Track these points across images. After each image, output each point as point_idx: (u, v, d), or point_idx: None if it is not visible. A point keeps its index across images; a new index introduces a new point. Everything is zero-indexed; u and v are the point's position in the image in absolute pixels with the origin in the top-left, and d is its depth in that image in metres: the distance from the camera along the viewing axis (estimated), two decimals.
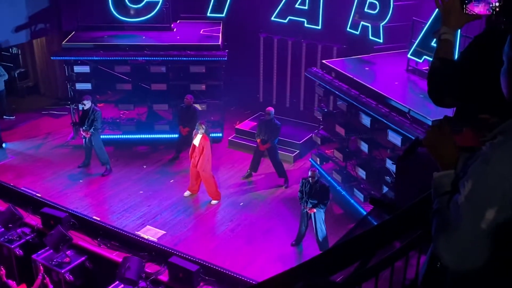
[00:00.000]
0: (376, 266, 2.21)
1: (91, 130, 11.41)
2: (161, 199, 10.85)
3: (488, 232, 1.72)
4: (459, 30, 2.64)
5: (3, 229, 9.36)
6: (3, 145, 12.43)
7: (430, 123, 8.59)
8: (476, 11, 2.31)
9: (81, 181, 11.58)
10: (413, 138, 7.87)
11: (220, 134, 13.10)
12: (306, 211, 9.24)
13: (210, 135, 11.13)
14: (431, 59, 9.45)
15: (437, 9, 9.15)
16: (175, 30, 13.38)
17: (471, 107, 2.01)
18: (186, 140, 11.44)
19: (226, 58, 12.41)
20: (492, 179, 1.71)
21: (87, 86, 12.55)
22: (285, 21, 12.86)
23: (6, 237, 9.28)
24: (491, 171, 1.72)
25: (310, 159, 11.96)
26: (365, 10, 11.58)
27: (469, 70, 2.04)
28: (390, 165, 9.51)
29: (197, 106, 12.23)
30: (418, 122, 8.90)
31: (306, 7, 12.52)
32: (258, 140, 11.33)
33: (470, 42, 2.13)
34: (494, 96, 1.92)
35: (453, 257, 1.79)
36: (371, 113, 9.73)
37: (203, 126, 10.46)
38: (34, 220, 9.65)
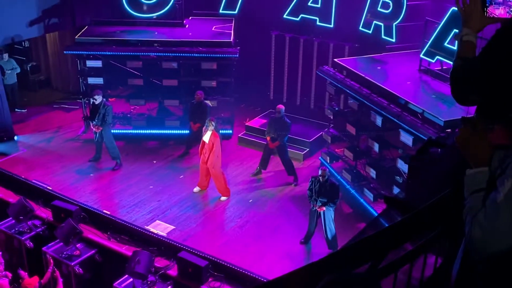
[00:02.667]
0: (395, 263, 2.24)
1: (102, 124, 11.36)
2: (171, 194, 10.78)
3: None
4: None
5: (14, 221, 9.37)
6: (15, 137, 12.50)
7: (442, 123, 8.59)
8: (496, 14, 2.33)
9: (91, 175, 11.53)
10: (425, 138, 8.22)
11: (230, 131, 12.99)
12: (316, 209, 9.11)
13: (220, 131, 11.03)
14: (444, 59, 9.36)
15: (451, 9, 9.10)
16: (187, 26, 13.28)
17: (496, 105, 2.00)
18: (197, 136, 11.36)
19: (237, 55, 12.34)
20: None
21: (99, 80, 12.48)
22: (297, 19, 12.80)
23: (17, 229, 9.29)
24: None
25: (320, 157, 11.83)
26: (378, 9, 11.50)
27: (493, 65, 2.04)
28: (401, 165, 9.33)
29: (208, 102, 12.13)
30: (430, 122, 8.82)
31: (318, 5, 12.45)
32: (268, 138, 11.21)
33: (492, 37, 2.13)
34: None
35: (489, 252, 1.79)
36: (383, 113, 9.62)
37: (213, 123, 10.38)
38: (45, 213, 9.64)
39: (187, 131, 12.29)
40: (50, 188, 10.42)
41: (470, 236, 1.85)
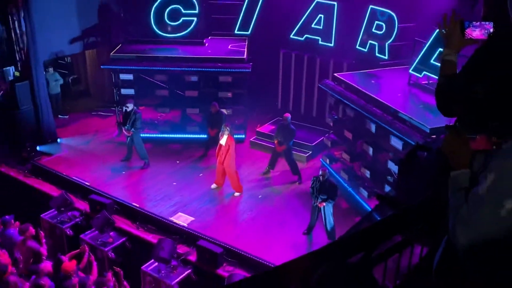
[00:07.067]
0: (385, 252, 2.22)
1: (133, 129, 11.30)
2: (191, 190, 10.74)
3: (505, 220, 1.69)
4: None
5: (56, 212, 9.52)
6: (58, 140, 12.51)
7: (428, 130, 8.55)
8: (474, 36, 2.33)
9: (123, 172, 11.48)
10: (413, 143, 8.18)
11: (243, 136, 12.84)
12: (317, 204, 9.07)
13: (234, 136, 10.89)
14: (430, 74, 9.23)
15: (436, 31, 8.84)
16: (206, 44, 13.20)
17: (477, 118, 1.99)
18: (214, 140, 11.32)
19: (250, 70, 12.27)
20: None
21: (131, 91, 12.44)
22: (302, 38, 12.79)
23: (58, 219, 9.44)
24: None
25: (321, 159, 11.70)
26: (373, 30, 11.52)
27: (472, 80, 2.03)
28: (392, 166, 9.28)
29: (224, 110, 12.04)
30: (417, 129, 8.77)
31: (321, 27, 12.46)
32: (276, 142, 11.15)
33: (471, 56, 2.13)
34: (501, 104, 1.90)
35: (470, 240, 1.76)
36: (376, 121, 9.61)
37: (228, 128, 10.34)
38: (83, 205, 9.80)
39: (205, 136, 12.24)
40: (88, 184, 10.54)
41: (453, 229, 1.82)
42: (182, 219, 9.67)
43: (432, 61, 9.71)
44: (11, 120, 11.57)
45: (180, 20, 12.85)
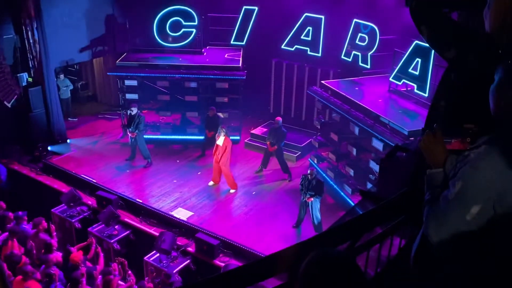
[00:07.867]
0: (367, 243, 2.20)
1: (136, 131, 11.20)
2: (190, 187, 10.62)
3: (471, 223, 1.73)
4: None
5: (66, 207, 9.44)
6: (68, 140, 12.35)
7: (406, 133, 8.54)
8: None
9: (127, 171, 11.34)
10: (393, 144, 8.17)
11: (238, 137, 12.71)
12: (305, 200, 9.00)
13: (230, 137, 10.77)
14: (408, 82, 8.97)
15: (414, 43, 8.48)
16: (205, 54, 13.07)
17: (451, 117, 1.98)
18: (211, 141, 11.17)
19: (244, 77, 12.17)
20: (479, 183, 1.70)
21: (135, 96, 12.35)
22: (292, 49, 12.69)
23: (68, 213, 9.36)
24: (479, 176, 1.70)
25: (309, 159, 11.69)
26: (357, 42, 11.47)
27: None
28: (373, 165, 9.30)
29: (221, 114, 11.94)
30: (396, 132, 8.75)
31: (309, 38, 12.39)
32: (268, 143, 11.08)
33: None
34: (477, 106, 1.90)
35: (440, 238, 1.79)
36: (359, 124, 9.58)
37: (224, 130, 10.27)
38: (90, 201, 9.70)
39: (203, 137, 12.15)
40: (95, 181, 10.34)
41: (427, 223, 1.84)
42: (181, 214, 9.57)
43: (410, 70, 9.65)
44: (24, 122, 11.50)
45: (181, 31, 12.65)
